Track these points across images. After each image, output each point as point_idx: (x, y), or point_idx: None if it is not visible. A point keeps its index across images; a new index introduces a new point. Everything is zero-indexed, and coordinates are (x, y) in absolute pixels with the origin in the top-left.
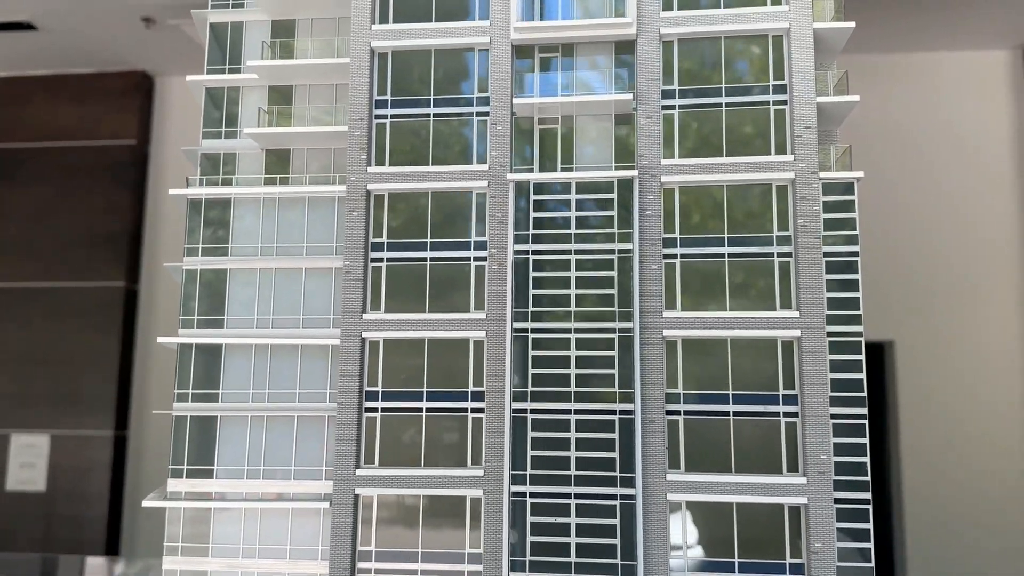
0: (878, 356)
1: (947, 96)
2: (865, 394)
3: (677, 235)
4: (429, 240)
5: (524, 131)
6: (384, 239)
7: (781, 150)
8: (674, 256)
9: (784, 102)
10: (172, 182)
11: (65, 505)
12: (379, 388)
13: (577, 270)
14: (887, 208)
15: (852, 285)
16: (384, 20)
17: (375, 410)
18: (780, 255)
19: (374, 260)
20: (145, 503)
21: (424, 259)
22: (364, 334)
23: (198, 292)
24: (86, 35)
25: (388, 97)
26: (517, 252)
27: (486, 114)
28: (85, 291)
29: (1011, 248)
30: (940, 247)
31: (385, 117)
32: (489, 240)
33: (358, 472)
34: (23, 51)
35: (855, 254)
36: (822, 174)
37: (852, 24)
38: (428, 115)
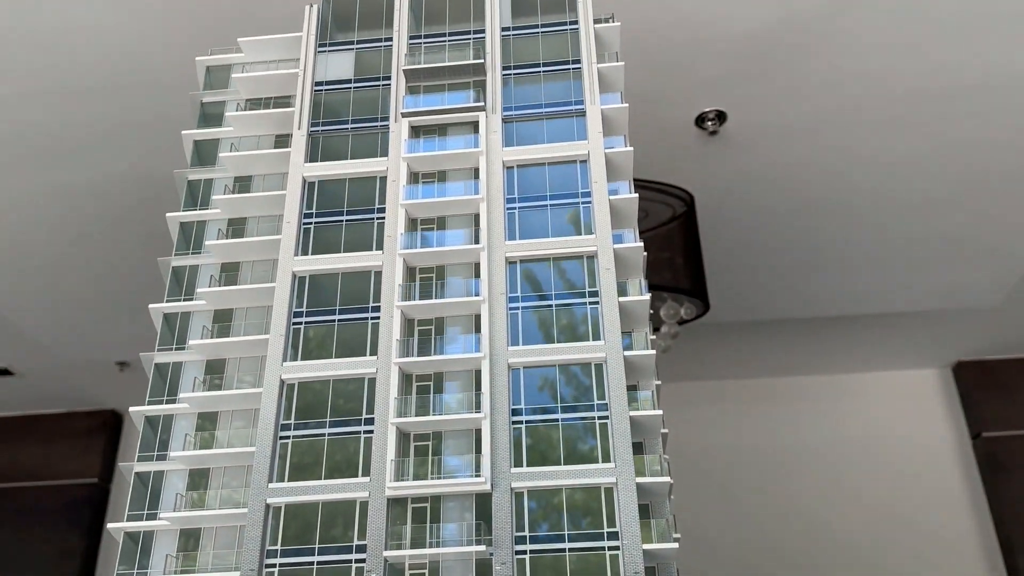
0: None
1: (889, 413)
2: None
3: None
4: None
5: (397, 572)
6: None
7: None
8: None
9: (616, 548)
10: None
11: None
12: None
13: None
14: (852, 531)
15: None
16: (281, 478)
17: None
18: None
19: None
20: None
21: None
22: None
23: None
24: (61, 379)
25: (278, 547)
26: None
27: (363, 561)
28: None
29: (975, 560)
30: (909, 565)
31: (274, 566)
32: None
33: None
34: None
35: None
36: None
37: (669, 479)
38: (312, 563)
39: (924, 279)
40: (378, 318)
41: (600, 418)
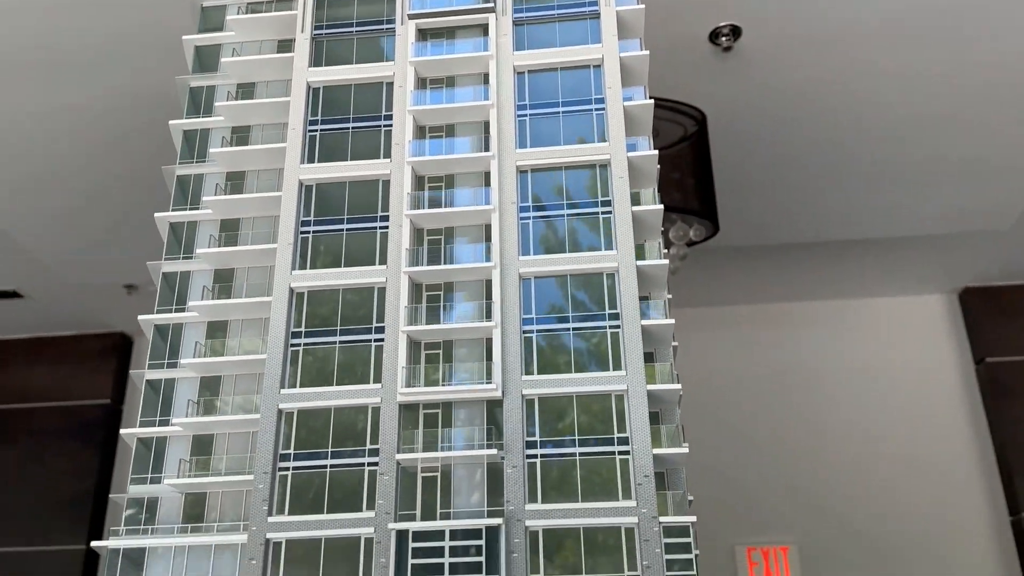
0: None
1: (893, 338)
2: None
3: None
4: None
5: (409, 475)
6: None
7: (626, 495)
8: None
9: (627, 452)
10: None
11: None
12: None
13: None
14: (851, 456)
15: None
16: (292, 384)
17: None
18: None
19: None
20: None
21: None
22: None
23: None
24: (69, 302)
25: (291, 451)
26: None
27: (375, 464)
28: (44, 555)
29: (974, 484)
30: (907, 488)
31: (287, 469)
32: None
33: None
34: (4, 317)
35: None
36: (661, 519)
37: (679, 386)
38: (325, 467)
39: (936, 201)
40: (387, 228)
41: (612, 327)
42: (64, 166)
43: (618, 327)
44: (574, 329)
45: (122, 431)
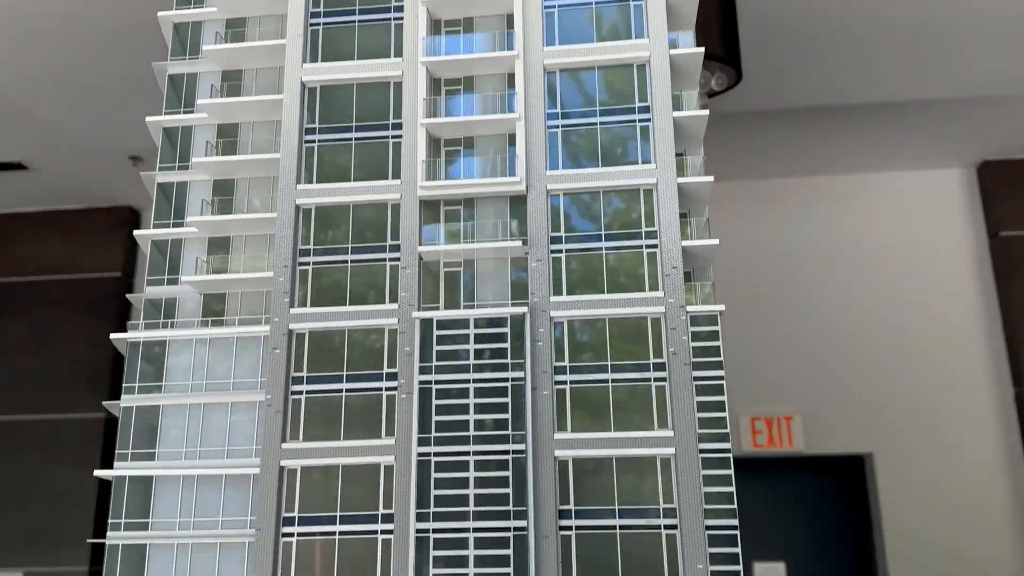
0: (859, 467)
1: (907, 212)
2: (735, 506)
3: (566, 363)
4: (345, 373)
5: (432, 273)
6: (304, 374)
7: (653, 287)
8: (564, 383)
9: (655, 246)
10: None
11: None
12: (295, 514)
13: (475, 398)
14: (859, 328)
15: (719, 406)
16: (308, 180)
17: (291, 535)
18: (656, 380)
19: (294, 393)
20: None
21: (340, 391)
22: (282, 462)
23: (133, 428)
24: (75, 174)
25: (311, 247)
26: (422, 383)
27: (397, 259)
28: (64, 423)
29: (980, 355)
30: (913, 360)
31: (308, 264)
32: (399, 372)
33: None
34: (12, 190)
35: (720, 378)
36: (689, 308)
37: (711, 178)
38: (346, 262)
39: (966, 63)
40: (401, 18)
41: (641, 120)
42: (68, 29)
43: (648, 120)
44: (602, 123)
45: (136, 232)
